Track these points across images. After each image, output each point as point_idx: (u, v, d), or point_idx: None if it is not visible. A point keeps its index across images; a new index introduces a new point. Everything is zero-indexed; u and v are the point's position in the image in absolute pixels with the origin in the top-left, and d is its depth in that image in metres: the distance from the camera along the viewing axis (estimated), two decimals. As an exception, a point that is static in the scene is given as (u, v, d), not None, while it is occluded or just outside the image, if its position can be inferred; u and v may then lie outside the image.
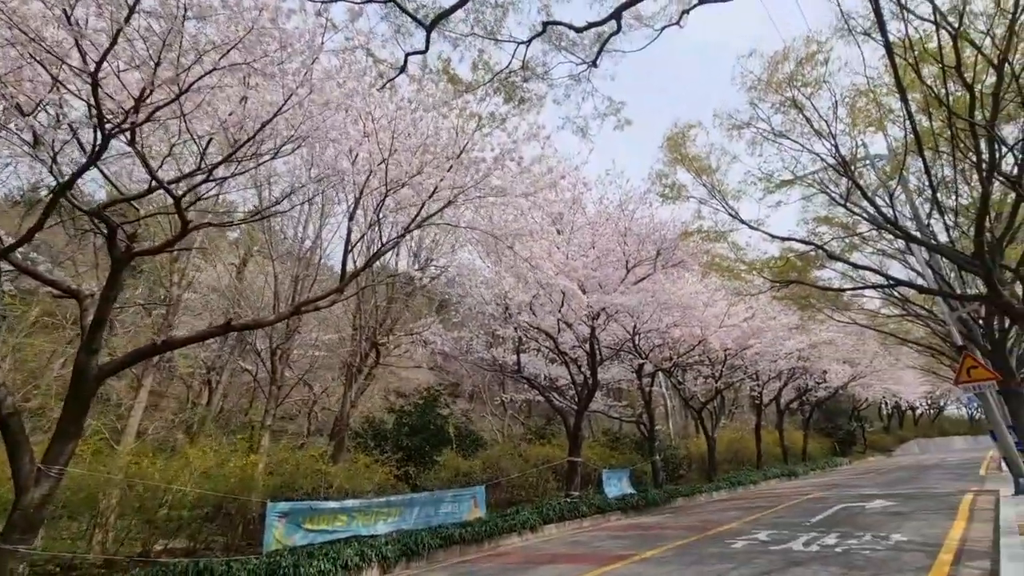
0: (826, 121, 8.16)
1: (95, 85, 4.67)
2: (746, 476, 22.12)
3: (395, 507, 10.29)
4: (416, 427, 15.12)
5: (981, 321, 13.41)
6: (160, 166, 6.71)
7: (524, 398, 23.63)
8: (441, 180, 7.52)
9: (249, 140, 5.68)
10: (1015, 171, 7.92)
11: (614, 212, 12.22)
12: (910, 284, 9.21)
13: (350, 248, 8.33)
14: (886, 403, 44.45)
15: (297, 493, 9.74)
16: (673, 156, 9.92)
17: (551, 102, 7.13)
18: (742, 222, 10.01)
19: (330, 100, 6.12)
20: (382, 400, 19.03)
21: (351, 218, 8.00)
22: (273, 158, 6.34)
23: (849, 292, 16.73)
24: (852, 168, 8.37)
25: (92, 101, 4.79)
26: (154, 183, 5.82)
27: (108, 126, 4.94)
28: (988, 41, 7.25)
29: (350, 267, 8.61)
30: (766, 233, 9.85)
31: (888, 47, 5.60)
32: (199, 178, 6.06)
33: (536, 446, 16.67)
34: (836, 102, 8.02)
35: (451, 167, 7.48)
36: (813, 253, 15.54)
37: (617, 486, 16.10)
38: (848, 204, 9.45)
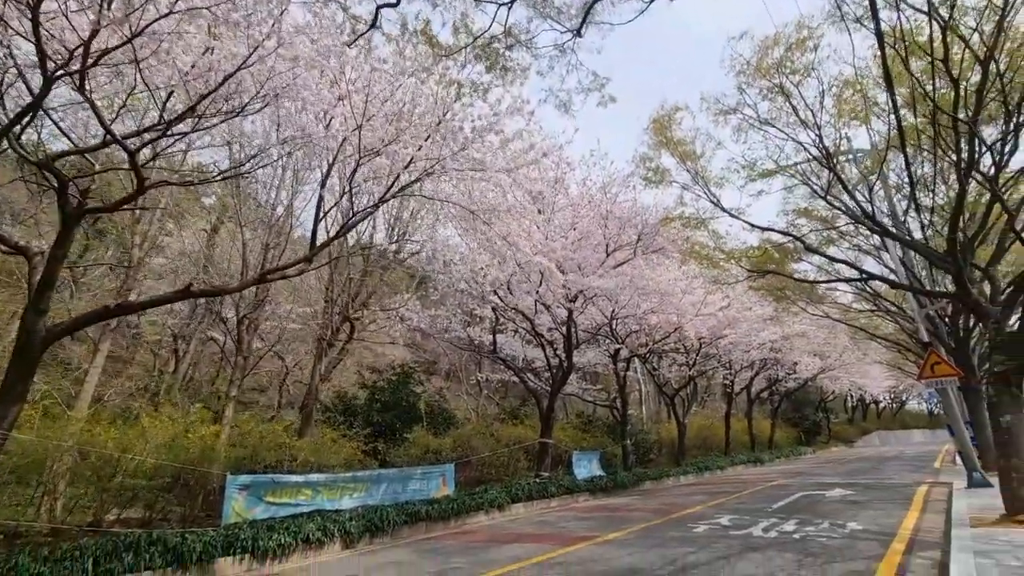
0: (812, 111, 8.08)
1: (35, 22, 4.28)
2: (714, 462, 22.63)
3: (362, 482, 10.19)
4: (388, 403, 15.01)
5: (947, 319, 13.76)
6: (116, 118, 6.31)
7: (500, 378, 23.70)
8: (419, 150, 7.25)
9: (210, 94, 5.33)
10: (992, 171, 7.98)
11: (596, 194, 12.05)
12: (883, 279, 9.31)
13: (321, 217, 8.03)
14: (852, 396, 45.95)
15: (260, 466, 9.57)
16: (658, 139, 9.77)
17: (535, 74, 6.87)
18: (723, 210, 9.96)
19: (300, 56, 5.78)
20: (356, 375, 18.80)
21: (323, 185, 7.69)
22: (238, 115, 5.98)
23: (824, 285, 16.99)
24: (834, 160, 8.34)
25: (34, 40, 4.40)
26: (107, 136, 5.44)
27: (51, 67, 4.56)
28: (976, 38, 7.20)
29: (321, 236, 8.33)
30: (746, 222, 9.84)
31: (879, 34, 5.49)
32: (156, 133, 5.69)
33: (508, 426, 16.70)
34: (823, 91, 7.94)
35: (429, 137, 7.21)
36: (791, 245, 15.67)
37: (587, 468, 16.29)
38: (828, 197, 9.45)
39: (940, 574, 4.84)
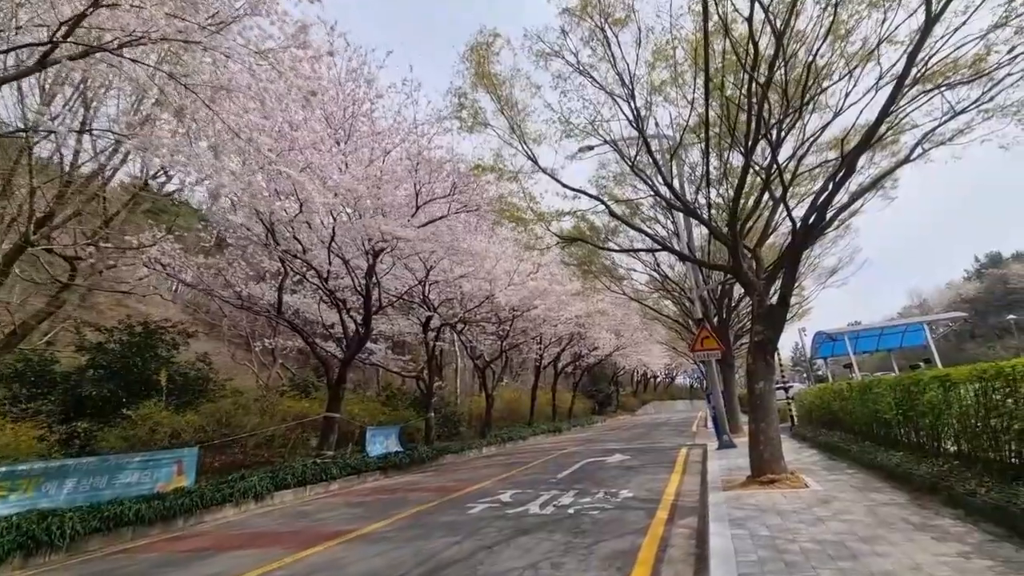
0: (627, 62, 7.69)
1: None
2: (518, 432, 23.22)
3: (25, 479, 7.13)
4: (117, 371, 11.46)
5: (715, 302, 15.61)
6: None
7: (299, 346, 20.74)
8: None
9: None
10: (768, 159, 8.57)
11: (407, 131, 10.41)
12: (675, 250, 9.71)
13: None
14: (638, 371, 52.94)
15: None
16: (476, 72, 8.55)
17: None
18: (539, 167, 9.24)
19: None
20: (75, 336, 14.14)
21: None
22: None
23: (624, 268, 18.13)
24: (643, 124, 8.12)
25: None
26: None
27: None
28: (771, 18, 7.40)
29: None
30: (560, 183, 9.27)
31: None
32: None
33: (293, 400, 14.31)
34: (640, 39, 7.56)
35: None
36: (599, 223, 16.15)
37: (382, 444, 14.83)
38: (635, 168, 9.34)
39: (698, 544, 4.55)
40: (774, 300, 7.25)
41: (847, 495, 5.31)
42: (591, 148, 13.45)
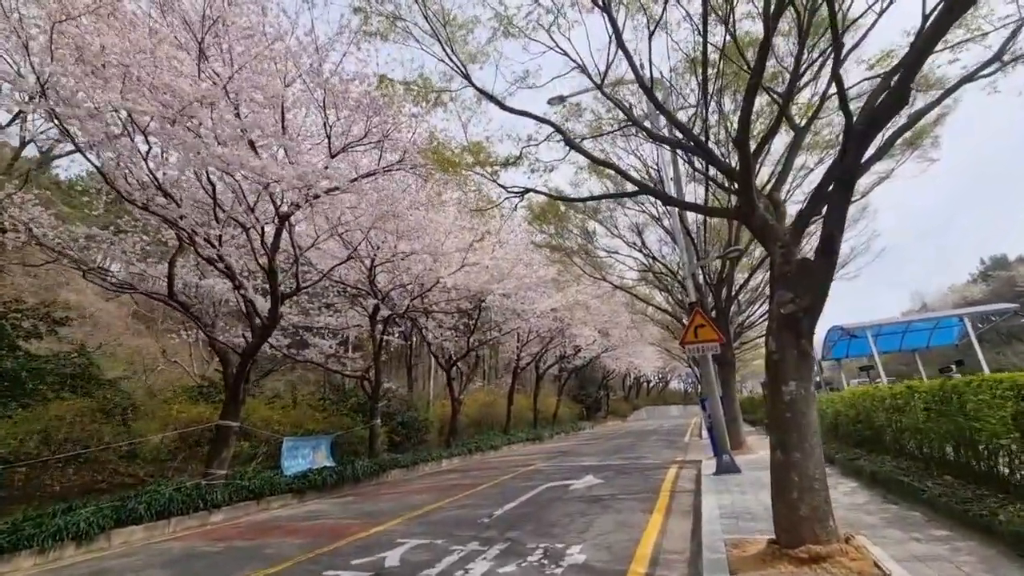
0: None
1: None
2: (487, 441, 20.59)
3: None
4: (-70, 365, 8.74)
5: (712, 288, 13.00)
6: None
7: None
8: None
9: None
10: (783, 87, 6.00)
11: (307, 52, 7.74)
12: (652, 190, 7.08)
13: None
14: (630, 375, 50.20)
15: None
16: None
17: None
18: (470, 82, 6.62)
19: None
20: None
21: None
22: None
23: (606, 243, 15.50)
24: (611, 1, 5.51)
25: None
26: None
27: None
28: None
29: None
30: (500, 105, 6.63)
31: None
32: None
33: (186, 404, 11.58)
34: None
35: None
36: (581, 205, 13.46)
37: (306, 459, 12.11)
38: (605, 91, 6.75)
39: None
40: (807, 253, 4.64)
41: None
42: (563, 100, 10.95)
